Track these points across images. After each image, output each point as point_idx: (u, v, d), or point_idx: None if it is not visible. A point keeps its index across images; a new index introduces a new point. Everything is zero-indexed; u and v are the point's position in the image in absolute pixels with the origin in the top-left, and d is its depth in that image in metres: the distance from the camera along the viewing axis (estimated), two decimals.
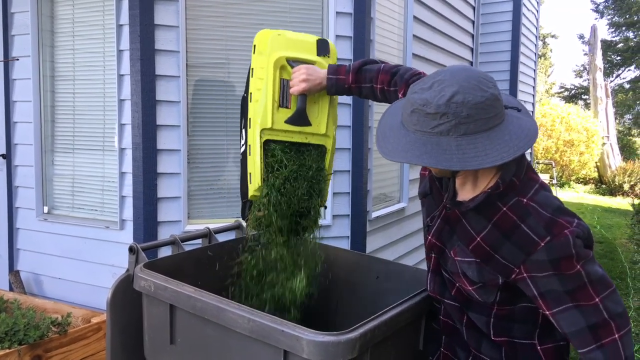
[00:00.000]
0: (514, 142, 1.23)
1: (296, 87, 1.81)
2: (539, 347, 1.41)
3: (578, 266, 1.24)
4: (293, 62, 1.84)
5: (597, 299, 1.25)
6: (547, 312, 1.29)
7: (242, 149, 1.91)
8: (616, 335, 1.25)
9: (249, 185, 1.82)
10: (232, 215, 3.30)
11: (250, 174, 1.82)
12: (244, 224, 2.19)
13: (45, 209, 3.57)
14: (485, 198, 1.33)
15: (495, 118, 1.24)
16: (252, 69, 1.84)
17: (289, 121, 1.83)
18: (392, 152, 1.30)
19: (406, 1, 4.19)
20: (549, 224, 1.26)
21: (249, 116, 1.83)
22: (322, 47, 1.91)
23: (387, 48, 3.99)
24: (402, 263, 2.04)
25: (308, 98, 1.85)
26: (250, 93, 1.83)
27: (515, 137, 1.24)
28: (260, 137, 1.79)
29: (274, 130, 1.81)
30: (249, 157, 1.82)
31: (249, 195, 1.83)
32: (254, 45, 1.85)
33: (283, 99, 1.83)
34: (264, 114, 1.79)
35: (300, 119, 1.84)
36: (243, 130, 1.90)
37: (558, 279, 1.25)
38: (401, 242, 4.36)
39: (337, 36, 3.39)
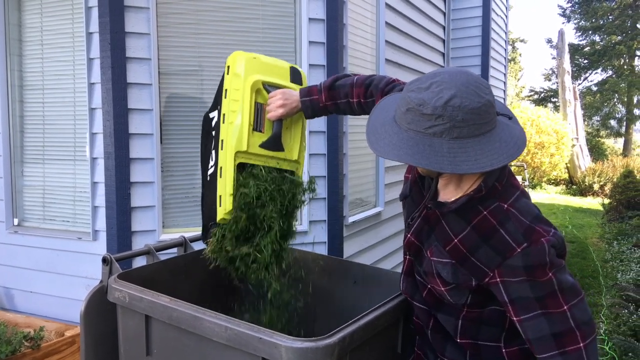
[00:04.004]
0: (503, 149, 1.25)
1: (274, 112, 1.78)
2: (504, 350, 1.42)
3: (550, 274, 1.26)
4: (269, 86, 1.81)
5: (565, 307, 1.26)
6: (515, 319, 1.31)
7: (211, 170, 1.84)
8: (581, 344, 1.26)
9: (218, 209, 1.77)
10: None
11: (220, 196, 1.77)
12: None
13: (16, 221, 3.49)
14: (467, 200, 1.35)
15: (487, 124, 1.25)
16: (226, 90, 1.80)
17: (264, 146, 1.79)
18: (384, 148, 1.29)
19: (378, 7, 4.23)
20: (527, 231, 1.28)
21: (221, 137, 1.78)
22: (296, 76, 1.89)
23: (360, 54, 4.02)
24: (379, 267, 2.05)
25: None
26: (224, 114, 1.78)
27: (505, 145, 1.26)
28: (235, 159, 1.75)
29: (248, 154, 1.77)
30: (219, 179, 1.78)
31: (218, 219, 1.78)
32: (228, 66, 1.81)
33: (257, 122, 1.80)
34: (240, 136, 1.75)
35: (275, 144, 1.81)
36: (213, 152, 1.84)
37: (530, 285, 1.27)
38: (378, 246, 4.38)
39: (310, 42, 3.40)
